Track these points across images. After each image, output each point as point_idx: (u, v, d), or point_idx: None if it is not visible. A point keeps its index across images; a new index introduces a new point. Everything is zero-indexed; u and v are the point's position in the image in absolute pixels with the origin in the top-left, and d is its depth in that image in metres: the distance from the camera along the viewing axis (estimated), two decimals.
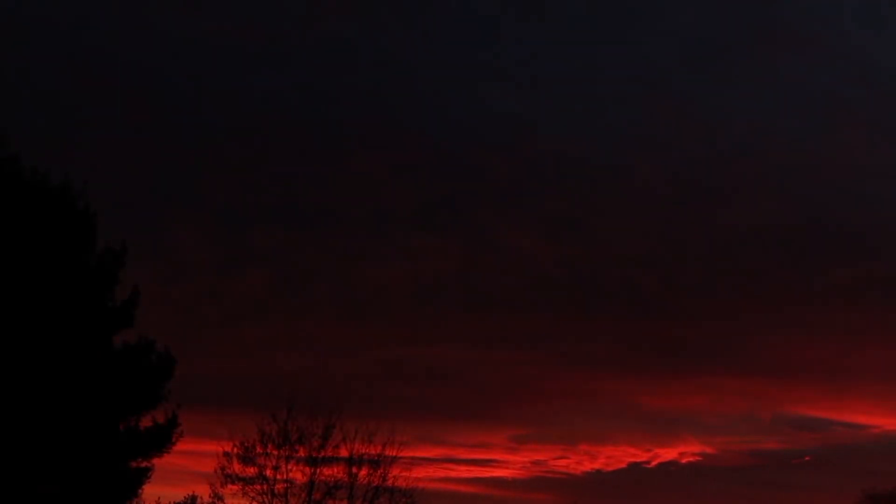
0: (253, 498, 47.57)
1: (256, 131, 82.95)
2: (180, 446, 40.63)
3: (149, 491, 40.99)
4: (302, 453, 47.93)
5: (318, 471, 47.83)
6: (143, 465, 40.04)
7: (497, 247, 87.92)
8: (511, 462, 77.82)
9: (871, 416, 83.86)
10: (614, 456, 79.79)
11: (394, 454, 48.08)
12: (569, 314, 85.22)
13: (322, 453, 47.89)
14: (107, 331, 39.09)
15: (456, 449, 73.45)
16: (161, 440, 40.00)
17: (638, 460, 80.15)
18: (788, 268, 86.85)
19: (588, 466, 79.15)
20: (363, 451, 48.02)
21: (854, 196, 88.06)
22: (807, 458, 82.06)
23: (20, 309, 36.11)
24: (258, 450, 47.71)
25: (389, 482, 47.96)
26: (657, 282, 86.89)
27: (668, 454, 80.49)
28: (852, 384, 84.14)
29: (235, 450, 47.58)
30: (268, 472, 47.69)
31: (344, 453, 48.19)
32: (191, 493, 46.82)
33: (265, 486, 47.49)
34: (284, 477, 47.73)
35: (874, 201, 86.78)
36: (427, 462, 49.25)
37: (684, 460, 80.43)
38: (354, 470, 48.03)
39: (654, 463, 79.97)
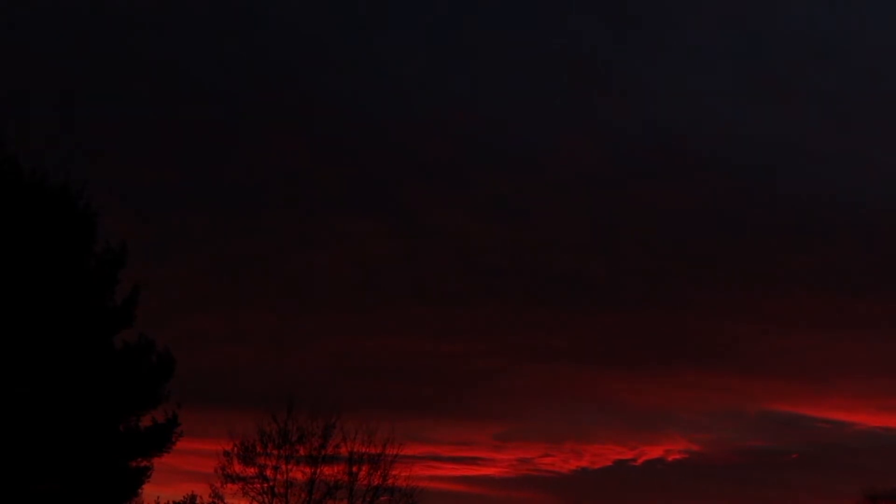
0: (253, 498, 47.66)
1: (180, 108, 78.58)
2: (180, 446, 40.75)
3: (149, 491, 41.13)
4: (302, 453, 48.01)
5: (318, 470, 47.89)
6: (143, 464, 40.08)
7: (433, 231, 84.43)
8: (497, 460, 77.70)
9: (850, 413, 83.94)
10: (600, 454, 79.91)
11: (395, 453, 48.18)
12: (517, 303, 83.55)
13: (322, 452, 47.95)
14: (107, 331, 39.12)
15: (439, 447, 72.92)
16: (161, 440, 40.03)
17: (624, 458, 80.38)
18: (740, 254, 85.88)
19: (574, 464, 79.24)
20: (363, 451, 48.10)
21: (806, 177, 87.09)
22: (794, 456, 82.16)
23: (20, 309, 36.13)
24: (258, 449, 47.78)
25: (390, 482, 48.05)
26: (600, 267, 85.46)
27: (654, 452, 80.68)
28: (828, 380, 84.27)
29: (235, 450, 47.68)
30: (268, 472, 47.75)
31: (343, 453, 48.29)
32: (191, 493, 46.93)
33: (265, 486, 47.54)
34: (284, 477, 47.80)
35: (827, 184, 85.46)
36: (409, 460, 48.79)
37: (670, 458, 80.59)
38: (354, 469, 48.10)
39: (640, 461, 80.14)
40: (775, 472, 79.97)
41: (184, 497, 46.55)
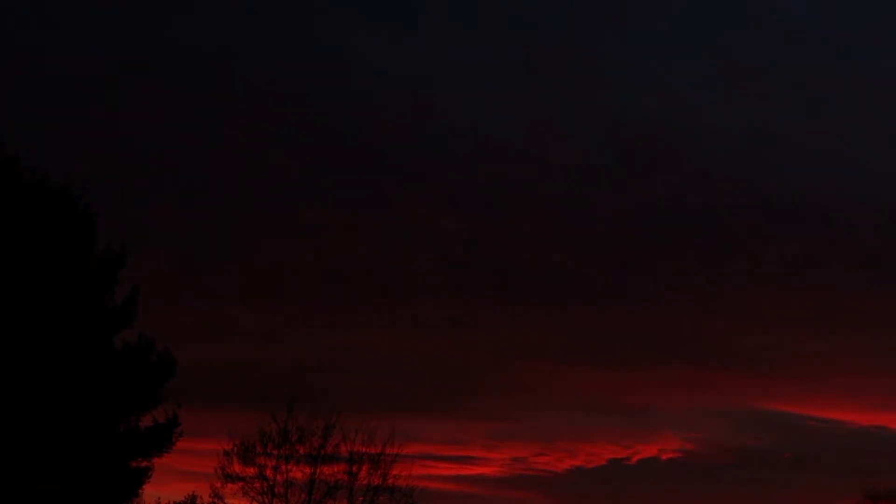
0: (253, 498, 47.64)
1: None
2: (180, 446, 40.73)
3: (149, 491, 41.10)
4: (302, 452, 47.98)
5: (318, 470, 47.88)
6: (143, 465, 40.07)
7: (398, 222, 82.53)
8: (492, 459, 77.39)
9: (844, 412, 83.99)
10: (594, 453, 79.82)
11: (395, 452, 48.16)
12: (490, 297, 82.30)
13: (322, 452, 47.93)
14: (107, 331, 39.12)
15: (432, 445, 72.35)
16: (161, 440, 40.03)
17: (618, 457, 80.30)
18: (709, 247, 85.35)
19: (569, 464, 79.14)
20: (363, 450, 48.07)
21: (783, 169, 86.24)
22: (787, 455, 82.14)
23: (20, 309, 36.13)
24: (258, 449, 47.76)
25: (390, 482, 48.02)
26: (569, 260, 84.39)
27: (648, 451, 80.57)
28: (816, 376, 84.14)
29: (235, 450, 47.66)
30: (268, 472, 47.73)
31: (343, 452, 48.26)
32: (191, 493, 46.91)
33: (265, 486, 47.53)
34: (284, 477, 47.78)
35: (806, 175, 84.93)
36: (406, 459, 48.61)
37: (665, 457, 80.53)
38: (354, 469, 48.07)
39: (634, 460, 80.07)
40: (770, 472, 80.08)
41: (184, 497, 46.55)
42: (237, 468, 47.58)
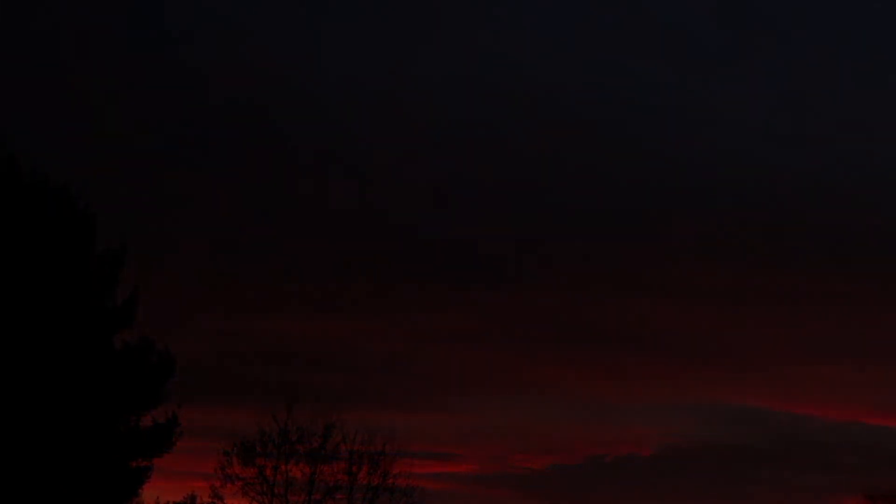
0: (253, 498, 47.67)
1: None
2: (180, 446, 40.73)
3: (149, 491, 41.10)
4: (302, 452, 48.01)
5: (318, 468, 47.90)
6: (143, 464, 40.08)
7: (278, 193, 79.31)
8: (467, 456, 76.89)
9: (818, 408, 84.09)
10: (572, 449, 79.69)
11: (395, 451, 48.19)
12: (399, 277, 79.09)
13: (322, 452, 47.96)
14: (107, 331, 39.12)
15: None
16: (161, 440, 40.04)
17: (596, 454, 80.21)
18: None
19: (547, 461, 79.01)
20: (363, 449, 48.09)
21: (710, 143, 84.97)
22: (757, 450, 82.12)
23: (21, 309, 36.14)
24: (258, 449, 47.78)
25: (390, 482, 48.04)
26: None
27: (625, 448, 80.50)
28: (786, 373, 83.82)
29: (235, 450, 47.68)
30: (267, 472, 47.75)
31: (343, 451, 48.28)
32: (191, 493, 46.94)
33: (265, 486, 47.55)
34: (284, 477, 47.80)
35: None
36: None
37: (643, 453, 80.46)
38: (354, 469, 48.09)
39: (611, 457, 80.00)
40: (748, 468, 80.00)
41: (184, 497, 46.59)
42: (237, 468, 47.68)
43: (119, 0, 76.39)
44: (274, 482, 47.69)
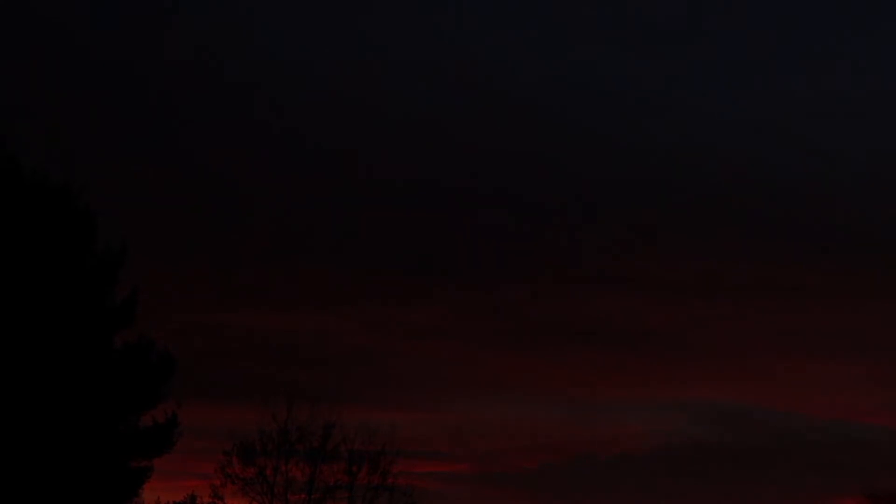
0: (253, 498, 47.67)
1: None
2: (180, 446, 40.72)
3: (149, 491, 41.09)
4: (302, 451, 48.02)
5: (318, 468, 47.91)
6: (143, 465, 40.07)
7: (219, 183, 77.56)
8: (459, 455, 76.63)
9: (810, 407, 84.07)
10: (562, 448, 79.60)
11: (395, 449, 48.19)
12: (355, 267, 78.45)
13: (322, 452, 47.95)
14: (107, 330, 39.11)
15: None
16: (161, 440, 40.03)
17: (586, 451, 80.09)
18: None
19: (541, 458, 78.93)
20: (363, 449, 48.10)
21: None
22: (752, 449, 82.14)
23: (20, 309, 36.13)
24: (258, 449, 47.79)
25: (389, 481, 48.05)
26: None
27: (617, 446, 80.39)
28: (776, 373, 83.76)
29: (235, 450, 47.68)
30: (268, 472, 47.75)
31: (343, 450, 48.27)
32: (191, 493, 46.93)
33: (265, 486, 47.55)
34: (284, 477, 47.80)
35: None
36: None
37: (635, 452, 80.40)
38: (354, 469, 48.09)
39: (603, 456, 79.94)
40: (742, 466, 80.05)
41: (184, 497, 46.59)
42: (237, 468, 47.67)
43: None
44: (274, 482, 47.72)
